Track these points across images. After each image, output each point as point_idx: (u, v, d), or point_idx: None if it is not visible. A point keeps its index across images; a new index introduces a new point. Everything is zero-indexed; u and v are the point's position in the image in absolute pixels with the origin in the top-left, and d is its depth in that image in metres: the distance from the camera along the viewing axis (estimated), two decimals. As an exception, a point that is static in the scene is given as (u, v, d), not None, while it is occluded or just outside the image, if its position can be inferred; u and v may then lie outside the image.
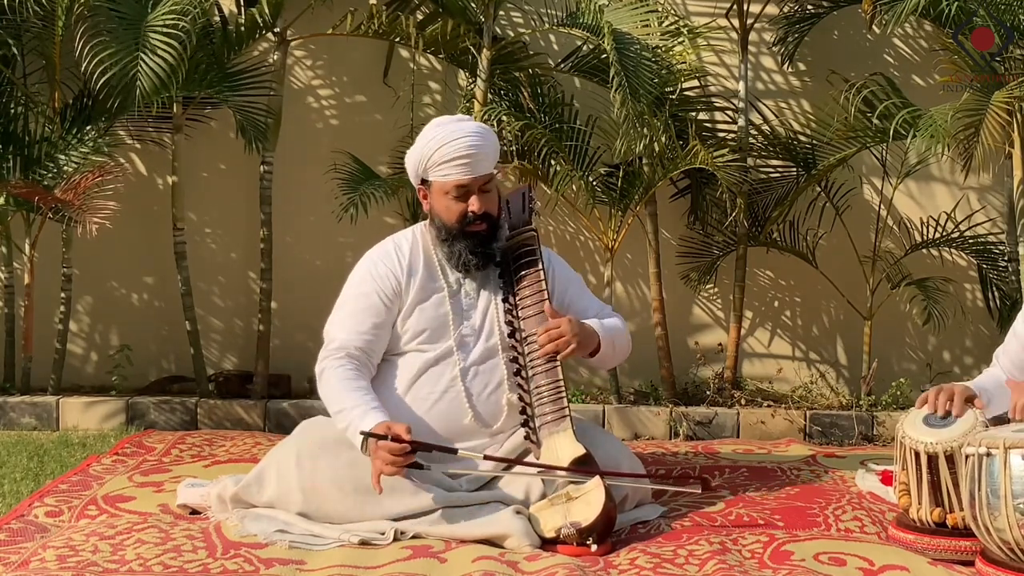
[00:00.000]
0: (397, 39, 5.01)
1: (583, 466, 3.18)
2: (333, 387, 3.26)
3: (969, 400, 3.08)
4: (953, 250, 5.31)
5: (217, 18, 5.07)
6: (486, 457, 3.25)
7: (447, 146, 3.30)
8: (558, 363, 3.32)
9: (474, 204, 3.34)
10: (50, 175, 4.86)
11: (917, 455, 3.04)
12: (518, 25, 5.33)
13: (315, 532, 3.13)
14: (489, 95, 4.94)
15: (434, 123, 3.43)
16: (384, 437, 3.04)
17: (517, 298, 3.41)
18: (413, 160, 3.41)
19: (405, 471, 3.08)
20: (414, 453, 3.07)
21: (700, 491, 3.39)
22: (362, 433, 3.08)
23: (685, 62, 4.92)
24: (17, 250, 5.15)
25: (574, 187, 5.00)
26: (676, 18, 5.09)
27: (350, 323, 3.37)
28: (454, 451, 3.19)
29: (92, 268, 5.37)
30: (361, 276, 3.44)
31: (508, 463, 3.31)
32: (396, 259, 3.43)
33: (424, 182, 3.41)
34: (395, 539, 3.09)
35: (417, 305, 3.40)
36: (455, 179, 3.32)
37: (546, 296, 3.38)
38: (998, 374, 3.29)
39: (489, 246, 3.40)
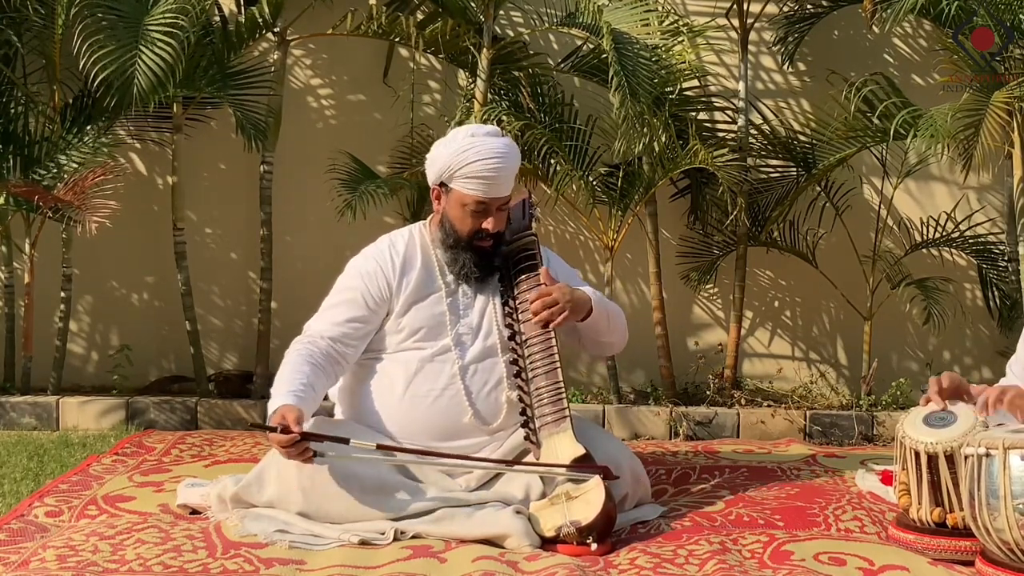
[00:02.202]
0: (397, 39, 5.01)
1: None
2: (281, 369, 3.30)
3: (964, 391, 3.10)
4: (953, 250, 5.31)
5: (217, 18, 5.08)
6: (379, 447, 3.20)
7: (479, 163, 3.30)
8: (558, 364, 3.32)
9: (489, 223, 3.36)
10: (50, 175, 4.86)
11: (917, 455, 3.04)
12: (518, 25, 5.33)
13: (315, 532, 3.13)
14: (489, 95, 4.94)
15: (469, 131, 3.40)
16: (274, 429, 3.05)
17: (517, 301, 3.41)
18: (439, 162, 3.38)
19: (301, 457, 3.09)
20: (306, 443, 3.08)
21: (603, 477, 3.33)
22: (251, 425, 3.09)
23: (685, 62, 4.92)
24: (17, 250, 5.15)
25: (574, 187, 5.00)
26: (676, 18, 5.09)
27: (327, 315, 3.40)
28: (346, 441, 3.17)
29: (92, 268, 5.37)
30: (350, 272, 3.47)
31: (403, 452, 3.27)
32: (389, 257, 3.44)
33: (443, 185, 3.41)
34: (395, 539, 3.09)
35: (413, 304, 3.41)
36: (478, 195, 3.33)
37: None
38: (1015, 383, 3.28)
39: (491, 260, 3.42)
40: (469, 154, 3.31)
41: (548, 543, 3.09)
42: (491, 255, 3.42)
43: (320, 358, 3.30)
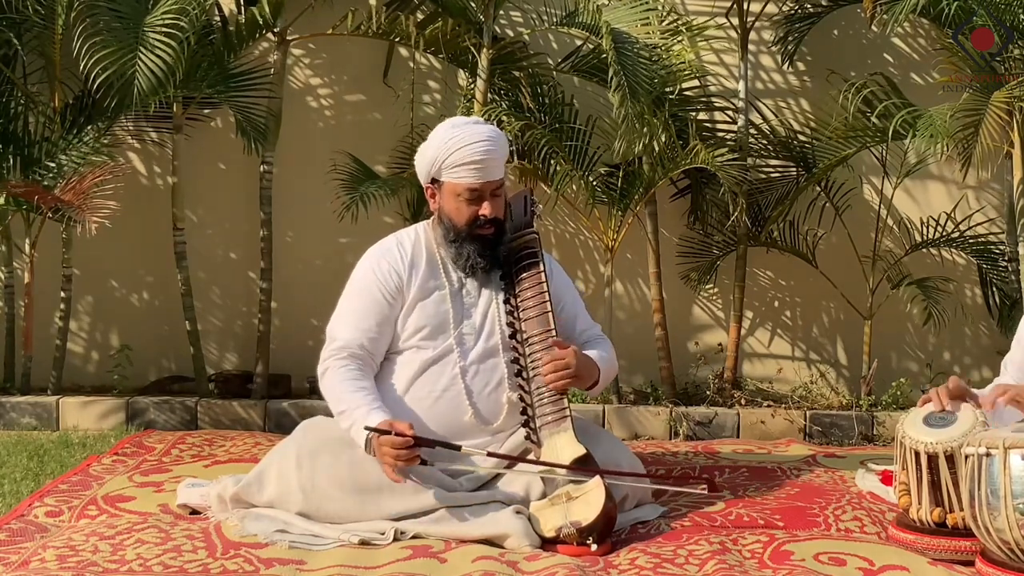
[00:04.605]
0: (397, 39, 5.01)
1: (584, 467, 3.18)
2: (336, 387, 3.27)
3: (967, 393, 3.10)
4: (953, 250, 5.31)
5: (217, 18, 5.08)
6: (489, 454, 3.25)
7: (464, 149, 3.30)
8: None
9: (486, 209, 3.35)
10: (50, 175, 4.86)
11: (917, 455, 3.04)
12: (518, 25, 5.33)
13: (315, 532, 3.13)
14: (489, 95, 4.94)
15: (450, 124, 3.42)
16: (387, 433, 3.05)
17: (518, 299, 3.41)
18: (426, 158, 3.40)
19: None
20: (417, 449, 3.08)
21: (706, 492, 3.43)
22: (366, 428, 3.09)
23: (684, 61, 4.92)
24: (17, 250, 5.15)
25: (574, 187, 5.01)
26: (676, 17, 5.09)
27: (352, 321, 3.37)
28: (457, 448, 3.19)
29: (92, 268, 5.37)
30: (364, 273, 3.45)
31: (512, 460, 3.31)
32: (399, 255, 3.43)
33: (434, 181, 3.41)
34: (395, 539, 3.09)
35: (418, 302, 3.40)
36: (469, 182, 3.33)
37: (547, 299, 3.39)
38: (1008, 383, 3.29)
39: (496, 249, 3.41)
40: (454, 143, 3.32)
41: (548, 543, 3.09)
42: (494, 244, 3.41)
43: (367, 370, 3.33)
